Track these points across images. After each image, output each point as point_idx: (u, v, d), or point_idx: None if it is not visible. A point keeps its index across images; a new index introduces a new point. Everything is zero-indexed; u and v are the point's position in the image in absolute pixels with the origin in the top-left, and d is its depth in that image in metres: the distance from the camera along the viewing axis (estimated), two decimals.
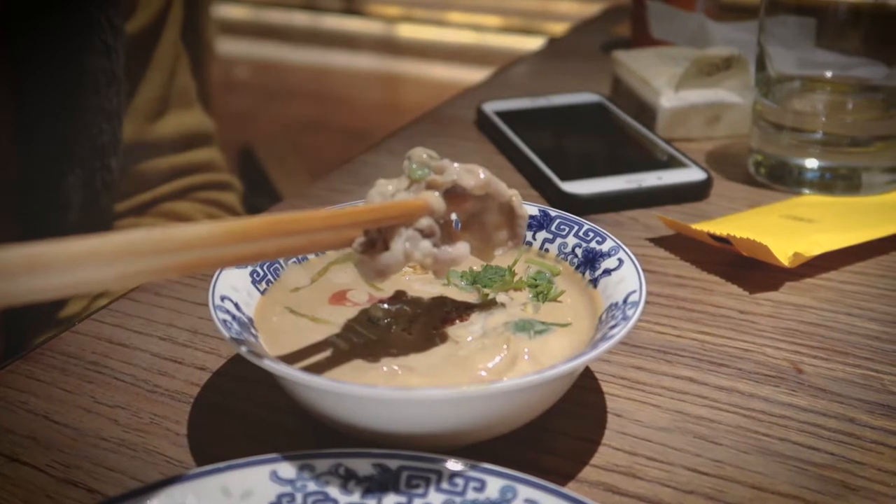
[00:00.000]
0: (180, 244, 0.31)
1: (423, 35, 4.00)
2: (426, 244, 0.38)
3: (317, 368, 0.39)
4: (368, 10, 4.27)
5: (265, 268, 0.44)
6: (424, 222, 0.38)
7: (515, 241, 0.42)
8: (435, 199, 0.39)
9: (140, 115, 0.70)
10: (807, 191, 0.64)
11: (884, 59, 0.64)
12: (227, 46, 3.53)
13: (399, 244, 0.37)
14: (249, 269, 0.43)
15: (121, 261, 0.29)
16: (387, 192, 0.39)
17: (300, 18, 4.17)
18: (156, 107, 0.71)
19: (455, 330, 0.42)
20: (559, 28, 3.78)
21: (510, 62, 0.94)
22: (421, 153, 0.40)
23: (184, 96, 0.74)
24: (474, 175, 0.40)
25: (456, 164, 0.40)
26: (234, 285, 0.42)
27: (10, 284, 0.26)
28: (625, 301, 0.40)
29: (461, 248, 0.40)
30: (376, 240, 0.38)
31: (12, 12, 0.61)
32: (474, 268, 0.46)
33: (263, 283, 0.43)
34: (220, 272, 0.42)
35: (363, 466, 0.34)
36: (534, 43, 4.16)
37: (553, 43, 1.00)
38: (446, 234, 0.40)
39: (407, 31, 4.09)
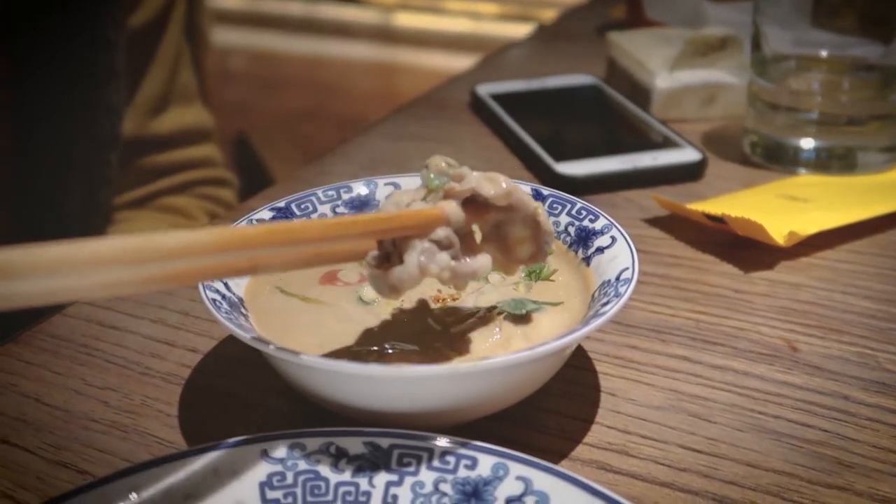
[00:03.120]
0: (167, 253, 0.29)
1: (420, 23, 3.99)
2: (443, 256, 0.36)
3: (308, 348, 0.39)
4: None
5: None
6: (441, 233, 0.36)
7: (540, 257, 0.40)
8: (453, 208, 0.36)
9: (141, 111, 0.70)
10: (803, 170, 0.63)
11: (880, 38, 0.63)
12: (223, 36, 3.52)
13: (414, 257, 0.35)
14: None
15: (99, 269, 0.27)
16: (402, 202, 0.37)
17: (296, 7, 4.15)
18: (157, 103, 0.71)
19: (447, 309, 0.41)
20: (556, 15, 3.78)
21: (504, 46, 0.93)
22: (439, 161, 0.38)
23: (184, 92, 0.74)
24: (495, 184, 0.37)
25: (476, 173, 0.38)
26: None
27: None
28: (617, 278, 0.40)
29: (482, 260, 0.37)
30: (391, 252, 0.36)
31: (13, 8, 0.60)
32: None
33: None
34: None
35: (354, 445, 0.34)
36: (530, 31, 4.13)
37: (546, 27, 0.99)
38: (467, 246, 0.37)
39: (403, 20, 4.07)
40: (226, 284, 0.40)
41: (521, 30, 3.99)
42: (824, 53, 0.65)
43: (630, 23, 0.91)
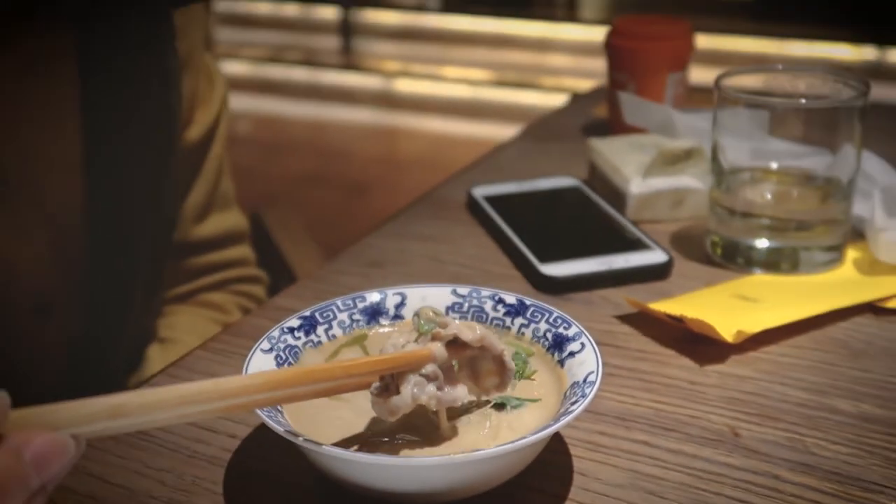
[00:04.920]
0: (230, 392, 0.39)
1: (420, 89, 4.12)
2: (431, 388, 0.46)
3: (330, 438, 0.47)
4: (367, 65, 4.39)
5: (286, 352, 0.53)
6: (430, 369, 0.46)
7: (502, 388, 0.49)
8: (438, 348, 0.47)
9: (186, 219, 0.80)
10: (757, 270, 0.72)
11: (830, 148, 0.73)
12: (230, 102, 3.64)
13: (408, 389, 0.45)
14: (274, 353, 0.52)
15: (181, 407, 0.38)
16: (398, 344, 0.47)
17: (300, 74, 4.30)
18: (200, 211, 0.81)
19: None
20: (551, 81, 3.91)
21: (499, 146, 1.03)
22: (428, 311, 0.51)
23: (224, 199, 0.83)
24: (472, 330, 0.48)
25: (457, 321, 0.49)
26: (262, 368, 0.50)
27: (93, 427, 0.35)
28: (584, 380, 0.49)
29: (460, 390, 0.47)
30: (390, 384, 0.46)
31: (92, 144, 0.69)
32: None
33: (286, 366, 0.52)
34: (251, 357, 0.50)
35: None
36: (526, 96, 4.23)
37: (535, 126, 1.09)
38: (448, 377, 0.47)
39: (404, 86, 4.21)
40: None
41: (517, 95, 4.08)
42: (775, 166, 0.75)
43: (611, 123, 1.01)
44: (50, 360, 0.68)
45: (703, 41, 4.68)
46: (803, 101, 0.72)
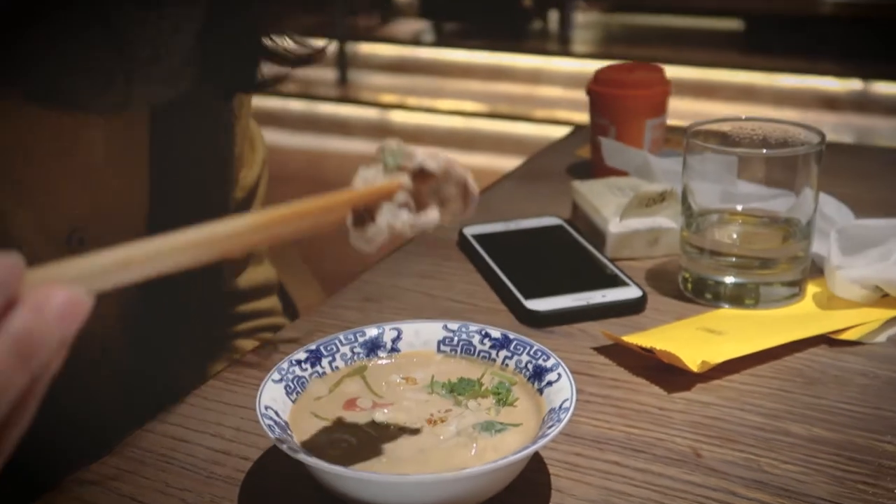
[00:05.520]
0: (223, 236, 0.40)
1: (416, 120, 4.20)
2: (404, 214, 0.48)
3: (335, 459, 0.53)
4: (363, 97, 4.48)
5: (294, 382, 0.59)
6: (401, 197, 0.48)
7: (466, 212, 0.51)
8: (406, 179, 0.48)
9: (226, 271, 0.84)
10: (724, 304, 0.79)
11: (792, 190, 0.79)
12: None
13: (383, 218, 0.47)
14: (283, 384, 0.58)
15: (183, 252, 0.38)
16: (368, 178, 0.50)
17: (297, 105, 4.38)
18: (239, 265, 0.86)
19: (437, 428, 0.56)
20: (543, 113, 3.99)
21: (491, 184, 1.10)
22: (393, 144, 0.50)
23: (258, 254, 0.88)
24: (436, 160, 0.49)
25: (420, 151, 0.50)
26: (273, 397, 0.56)
27: (105, 281, 0.35)
28: (560, 407, 0.55)
29: (432, 214, 0.49)
30: (365, 216, 0.48)
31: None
32: (451, 380, 0.60)
33: (294, 395, 0.58)
34: (264, 386, 0.57)
35: None
36: (519, 127, 4.29)
37: (523, 168, 1.16)
38: (418, 204, 0.49)
39: (400, 117, 4.29)
40: (276, 412, 0.55)
41: (510, 126, 4.15)
42: (740, 208, 0.82)
43: (594, 164, 1.08)
44: (105, 395, 0.73)
45: (694, 73, 4.75)
46: (764, 150, 0.78)
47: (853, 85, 4.11)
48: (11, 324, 0.32)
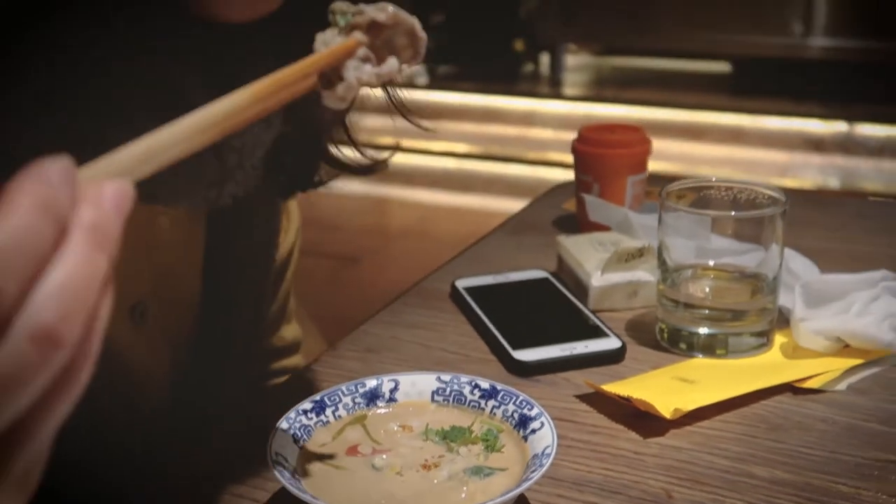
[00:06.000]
0: (220, 117, 0.41)
1: (410, 161, 4.28)
2: (368, 67, 0.50)
3: (339, 501, 0.59)
4: (357, 138, 4.54)
5: (300, 430, 0.65)
6: (362, 52, 0.50)
7: (417, 57, 0.53)
8: (361, 35, 0.51)
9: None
10: (697, 354, 0.85)
11: (761, 245, 0.86)
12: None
13: (350, 74, 0.49)
14: (291, 432, 0.64)
15: (192, 137, 0.39)
16: (326, 40, 0.51)
17: None
18: (273, 327, 0.91)
19: (431, 473, 0.62)
20: (535, 155, 4.07)
21: (482, 236, 1.16)
22: (341, 5, 0.52)
23: (288, 315, 0.94)
24: (384, 11, 0.51)
25: (369, 7, 0.51)
26: (282, 444, 0.62)
27: (143, 169, 0.36)
28: (542, 453, 0.61)
29: (391, 62, 0.51)
30: (332, 77, 0.50)
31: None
32: (444, 427, 0.66)
33: (301, 442, 0.64)
34: (274, 434, 0.62)
35: None
36: (512, 168, 4.35)
37: (511, 221, 1.22)
38: (378, 57, 0.51)
39: (394, 158, 4.35)
40: (285, 458, 0.61)
41: (502, 167, 4.21)
42: (712, 263, 0.88)
43: (579, 218, 1.15)
44: (143, 437, 0.78)
45: (682, 115, 4.82)
46: (733, 212, 0.85)
47: (838, 127, 4.20)
48: (81, 218, 0.33)
